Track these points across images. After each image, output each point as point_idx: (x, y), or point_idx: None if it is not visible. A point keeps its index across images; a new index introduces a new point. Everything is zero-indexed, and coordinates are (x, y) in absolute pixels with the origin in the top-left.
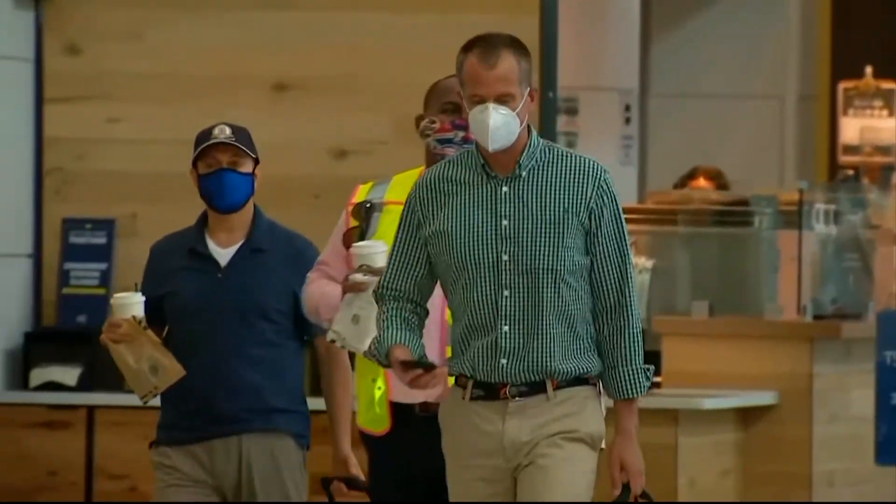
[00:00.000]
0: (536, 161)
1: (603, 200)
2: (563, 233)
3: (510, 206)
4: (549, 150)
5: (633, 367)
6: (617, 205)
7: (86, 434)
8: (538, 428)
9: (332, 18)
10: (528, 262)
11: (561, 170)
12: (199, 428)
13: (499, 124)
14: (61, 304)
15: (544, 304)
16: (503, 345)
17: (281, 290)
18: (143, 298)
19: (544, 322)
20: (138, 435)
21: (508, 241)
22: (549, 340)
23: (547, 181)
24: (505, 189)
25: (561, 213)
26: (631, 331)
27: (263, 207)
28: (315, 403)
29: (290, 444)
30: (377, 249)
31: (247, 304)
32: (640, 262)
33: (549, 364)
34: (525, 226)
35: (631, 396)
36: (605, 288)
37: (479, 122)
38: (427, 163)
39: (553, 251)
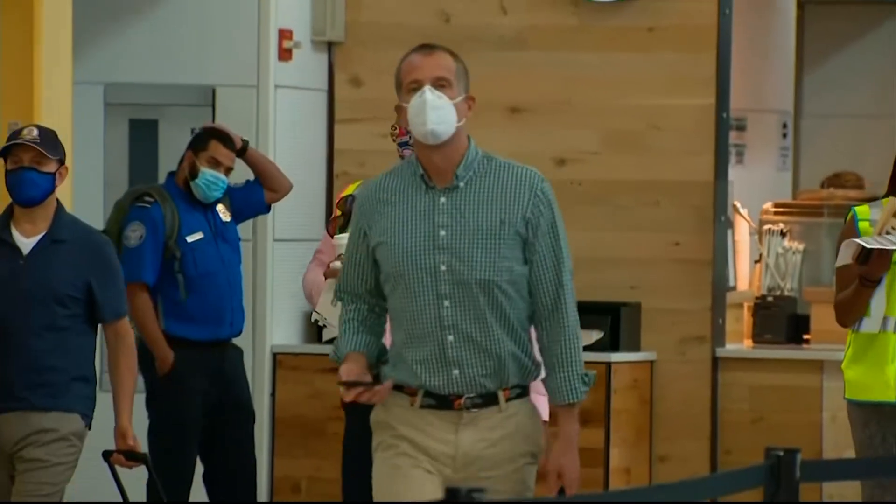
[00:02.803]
0: (475, 172)
1: (539, 210)
2: (500, 243)
3: (448, 217)
4: (488, 161)
5: (571, 373)
6: (554, 214)
7: None
8: (492, 445)
9: (554, 56)
10: (465, 273)
11: (498, 180)
12: None
13: (437, 105)
14: None
15: (485, 313)
16: (451, 355)
17: (76, 278)
18: None
19: (487, 331)
20: None
21: (445, 251)
22: (494, 350)
23: (484, 192)
24: (443, 199)
25: (497, 224)
26: (568, 337)
27: None
28: None
29: (76, 420)
30: None
31: (44, 289)
32: (794, 246)
33: (496, 375)
34: (462, 236)
35: (569, 402)
36: (542, 295)
37: (417, 107)
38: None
39: (489, 262)
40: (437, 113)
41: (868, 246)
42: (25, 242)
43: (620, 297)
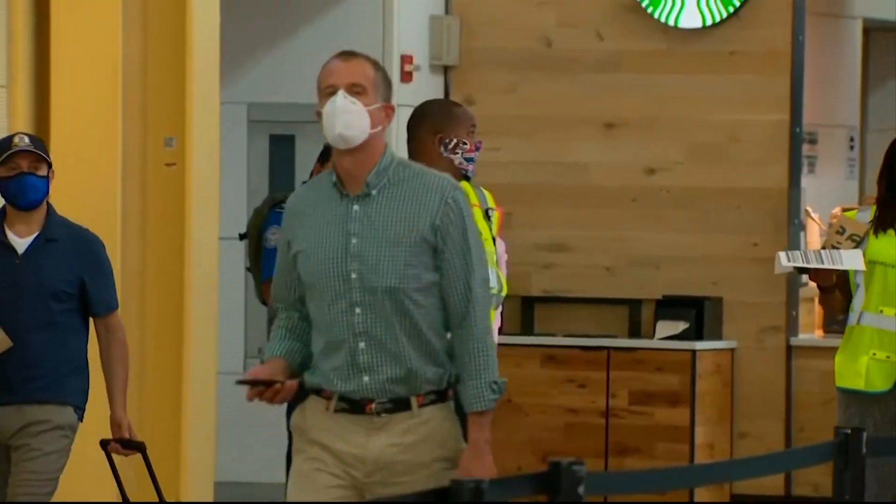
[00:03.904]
0: (388, 180)
1: (449, 217)
2: (407, 251)
3: (359, 225)
4: (403, 168)
5: (481, 381)
6: (465, 221)
7: None
8: (403, 450)
9: (645, 78)
10: (374, 280)
11: (411, 188)
12: None
13: (347, 110)
14: None
15: (395, 320)
16: (362, 361)
17: (69, 275)
18: None
19: (396, 338)
20: None
21: (356, 258)
22: (404, 356)
23: (396, 200)
24: (356, 207)
25: (406, 232)
26: (477, 345)
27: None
28: None
29: (69, 413)
30: None
31: (40, 286)
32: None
33: (407, 381)
34: (372, 244)
35: (478, 410)
36: (452, 303)
37: (329, 111)
38: (453, 174)
39: (396, 270)
40: (346, 117)
41: (786, 263)
42: (20, 242)
43: (704, 292)
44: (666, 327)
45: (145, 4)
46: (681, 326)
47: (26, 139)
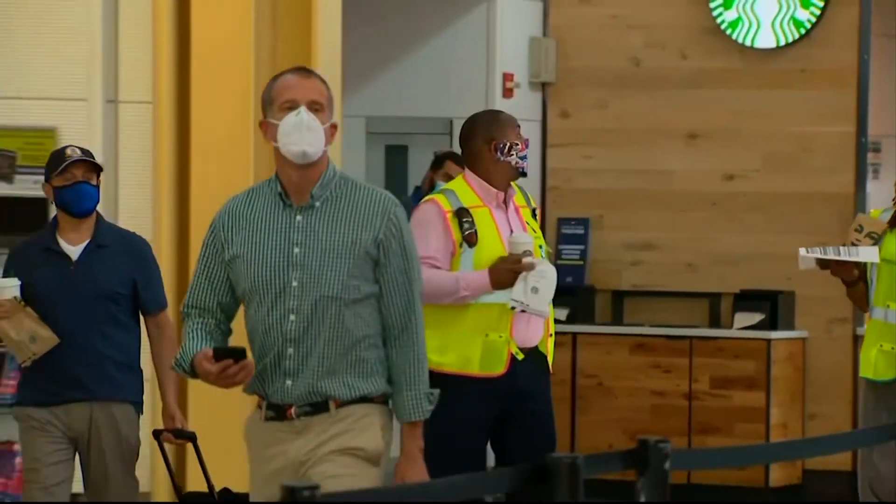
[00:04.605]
0: (331, 193)
1: (391, 232)
2: (350, 262)
3: (302, 235)
4: (345, 182)
5: (416, 391)
6: (405, 237)
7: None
8: (316, 447)
9: (724, 93)
10: (315, 289)
11: (353, 202)
12: (56, 392)
13: (313, 127)
14: (557, 270)
15: (328, 328)
16: (287, 366)
17: (122, 277)
18: (20, 283)
19: (327, 346)
20: None
21: (298, 268)
22: (329, 364)
23: (339, 212)
24: (299, 218)
25: (349, 244)
26: (415, 357)
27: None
28: None
29: (130, 410)
30: (529, 239)
31: (95, 290)
32: None
33: (329, 386)
34: (314, 255)
35: (414, 419)
36: (392, 316)
37: (293, 125)
38: (509, 176)
39: (338, 279)
40: (311, 135)
41: (808, 256)
42: (73, 250)
43: (778, 286)
44: (743, 318)
45: (275, 29)
46: (757, 318)
47: (78, 151)
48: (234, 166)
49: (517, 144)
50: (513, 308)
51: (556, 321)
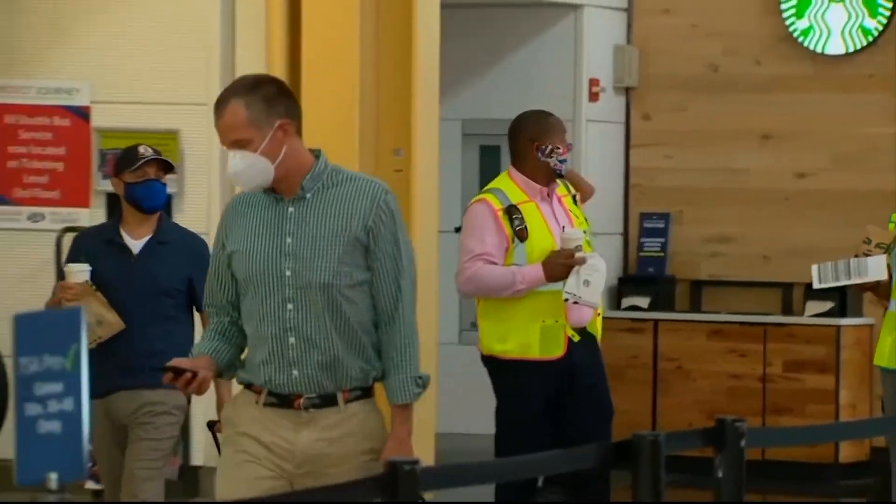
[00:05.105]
0: (322, 184)
1: (381, 219)
2: (340, 250)
3: (294, 225)
4: (336, 173)
5: (406, 375)
6: (395, 224)
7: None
8: (330, 444)
9: (796, 97)
10: (308, 277)
11: (344, 192)
12: (107, 380)
13: (240, 168)
14: (639, 261)
15: (325, 317)
16: (291, 356)
17: (179, 274)
18: (90, 267)
19: (326, 334)
20: None
21: (291, 257)
22: (332, 352)
23: (330, 202)
24: (291, 209)
25: (340, 232)
26: (404, 341)
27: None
28: None
29: (178, 396)
30: (580, 235)
31: (153, 283)
32: None
33: (335, 375)
34: (306, 243)
35: (403, 402)
36: (382, 301)
37: (228, 169)
38: (548, 175)
39: (330, 267)
40: (243, 175)
41: (821, 282)
42: (135, 244)
43: None
44: (814, 306)
45: (378, 36)
46: (827, 306)
47: (150, 150)
48: (339, 160)
49: (559, 149)
50: (566, 300)
51: (639, 309)
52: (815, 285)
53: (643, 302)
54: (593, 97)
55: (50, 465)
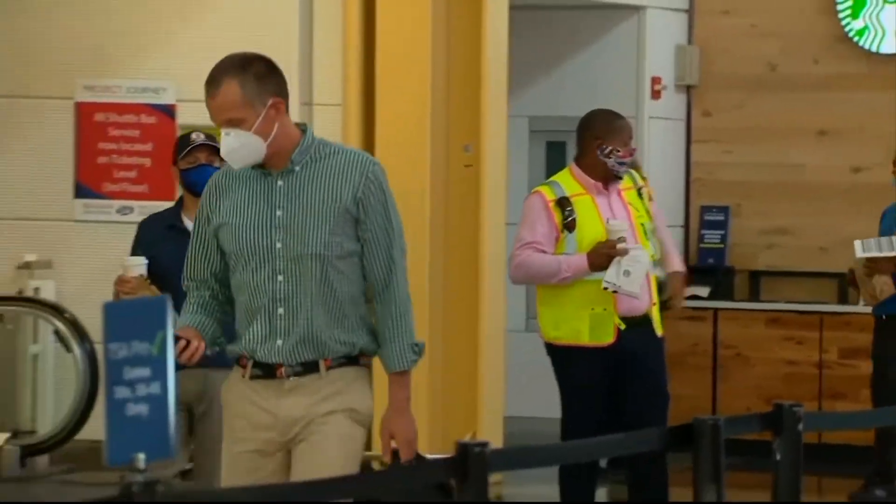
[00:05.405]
0: (311, 157)
1: (370, 189)
2: (331, 221)
3: (284, 198)
4: (324, 146)
5: (401, 343)
6: (385, 195)
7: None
8: (312, 406)
9: (851, 94)
10: (299, 249)
11: (333, 164)
12: None
13: (232, 148)
14: (700, 252)
15: (315, 288)
16: (278, 326)
17: None
18: (146, 261)
19: (315, 305)
20: None
21: (281, 229)
22: (318, 321)
23: (319, 174)
24: (280, 183)
25: (329, 203)
26: (398, 310)
27: (826, 203)
28: None
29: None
30: (625, 227)
31: None
32: None
33: (318, 344)
34: (296, 215)
35: (400, 370)
36: (374, 271)
37: (221, 148)
38: (606, 175)
39: (320, 238)
40: (236, 154)
41: (865, 253)
42: None
43: None
44: None
45: (449, 37)
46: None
47: (202, 136)
48: (413, 164)
49: (618, 151)
50: (605, 289)
51: (699, 298)
52: (858, 255)
53: (703, 291)
54: (655, 95)
55: (138, 445)
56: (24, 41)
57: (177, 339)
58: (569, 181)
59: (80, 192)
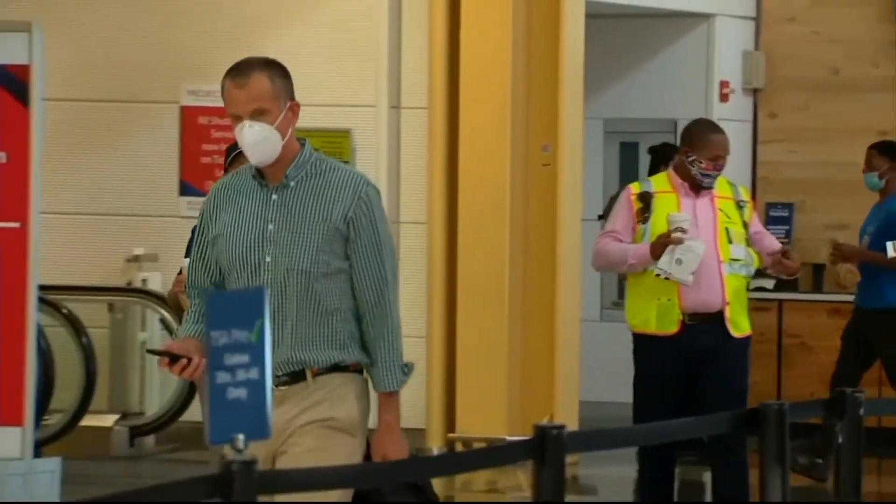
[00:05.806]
0: (306, 173)
1: (361, 210)
2: (319, 239)
3: (277, 213)
4: (321, 163)
5: (390, 363)
6: (376, 215)
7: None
8: (293, 417)
9: None
10: (286, 264)
11: (327, 182)
12: None
13: (257, 140)
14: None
15: (302, 302)
16: None
17: None
18: None
19: (299, 318)
20: None
21: (272, 243)
22: (303, 334)
23: (312, 191)
24: (274, 197)
25: (320, 221)
26: (388, 330)
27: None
28: None
29: None
30: (685, 218)
31: None
32: None
33: (304, 355)
34: (287, 231)
35: (388, 390)
36: (363, 291)
37: (240, 140)
38: (689, 180)
39: (307, 254)
40: (257, 148)
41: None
42: None
43: None
44: None
45: (529, 43)
46: None
47: None
48: (494, 163)
49: (701, 163)
50: (657, 275)
51: (765, 290)
52: (890, 255)
53: (769, 284)
54: (724, 98)
55: (237, 427)
56: (136, 49)
57: (177, 357)
58: (661, 180)
59: (185, 190)
